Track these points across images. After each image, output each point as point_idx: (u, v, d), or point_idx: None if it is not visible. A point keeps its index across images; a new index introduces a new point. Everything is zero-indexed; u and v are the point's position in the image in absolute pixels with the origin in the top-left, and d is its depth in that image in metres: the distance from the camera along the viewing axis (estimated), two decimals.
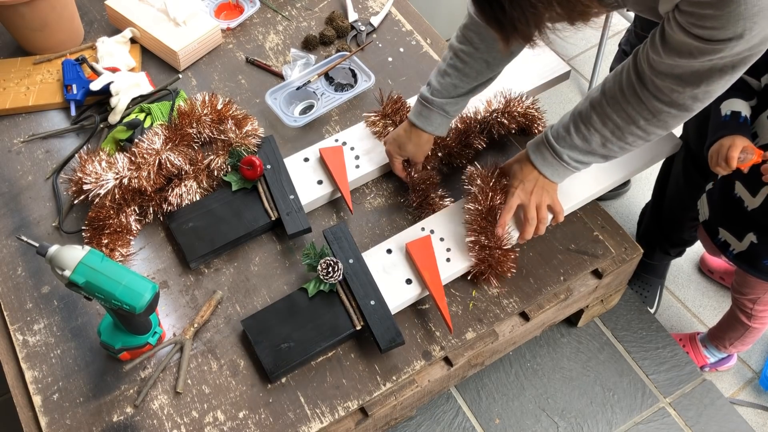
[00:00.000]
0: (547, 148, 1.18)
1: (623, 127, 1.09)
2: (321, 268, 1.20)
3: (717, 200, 1.37)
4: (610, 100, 1.09)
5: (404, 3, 1.73)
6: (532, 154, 1.21)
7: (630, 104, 1.06)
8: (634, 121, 1.07)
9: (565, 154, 1.17)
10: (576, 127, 1.14)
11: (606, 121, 1.10)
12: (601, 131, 1.11)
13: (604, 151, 1.14)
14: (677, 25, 0.92)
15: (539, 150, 1.20)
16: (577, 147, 1.15)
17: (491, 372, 1.45)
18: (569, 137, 1.15)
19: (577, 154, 1.16)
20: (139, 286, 1.03)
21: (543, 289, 1.27)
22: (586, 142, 1.13)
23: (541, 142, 1.20)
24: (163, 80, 1.55)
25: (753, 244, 1.30)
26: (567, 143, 1.16)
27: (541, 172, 1.21)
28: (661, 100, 1.03)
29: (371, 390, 1.17)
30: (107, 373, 1.18)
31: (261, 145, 1.39)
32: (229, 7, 1.70)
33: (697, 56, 0.92)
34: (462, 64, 1.21)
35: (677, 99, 1.01)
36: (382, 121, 1.42)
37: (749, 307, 1.54)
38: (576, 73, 2.48)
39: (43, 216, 1.36)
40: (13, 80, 1.54)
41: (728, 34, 0.86)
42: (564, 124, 1.16)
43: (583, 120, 1.13)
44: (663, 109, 1.03)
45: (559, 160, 1.18)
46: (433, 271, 1.22)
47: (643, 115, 1.06)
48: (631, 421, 1.40)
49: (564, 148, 1.16)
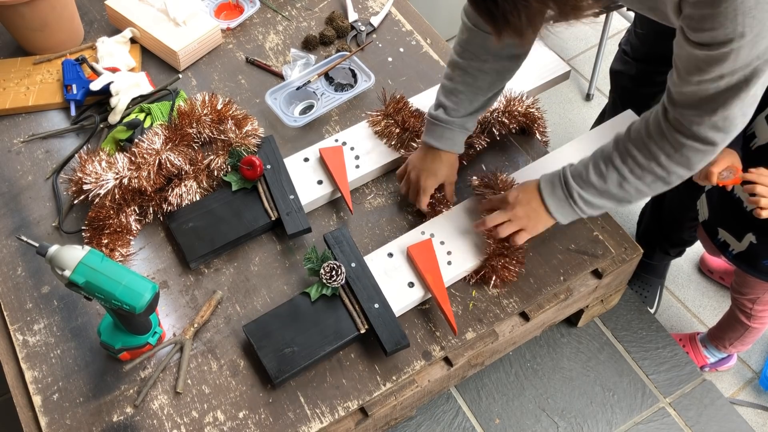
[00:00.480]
0: (560, 182, 1.14)
1: (644, 164, 1.05)
2: (324, 272, 1.20)
3: (716, 200, 1.37)
4: (633, 137, 1.06)
5: (404, 3, 1.73)
6: (543, 184, 1.17)
7: (652, 139, 1.03)
8: (655, 158, 1.04)
9: (576, 192, 1.12)
10: (595, 164, 1.10)
11: (626, 158, 1.06)
12: (620, 169, 1.07)
13: (619, 192, 1.10)
14: (681, 37, 0.91)
15: (551, 182, 1.16)
16: (592, 185, 1.10)
17: (491, 372, 1.45)
18: (585, 173, 1.11)
19: (589, 195, 1.12)
20: (139, 286, 1.03)
21: (543, 289, 1.27)
22: (602, 179, 1.09)
23: (555, 175, 1.16)
24: (163, 80, 1.55)
25: (752, 245, 1.30)
26: (582, 180, 1.12)
27: (545, 204, 1.16)
28: (682, 132, 1.00)
29: (371, 390, 1.17)
30: (107, 373, 1.18)
31: (261, 145, 1.39)
32: (229, 7, 1.70)
33: (705, 69, 0.91)
34: (472, 79, 1.20)
35: (698, 131, 0.98)
36: (384, 120, 1.42)
37: (749, 307, 1.54)
38: (576, 73, 2.48)
39: (43, 216, 1.36)
40: (13, 80, 1.54)
41: (728, 33, 0.85)
42: (584, 161, 1.13)
43: (603, 157, 1.10)
44: (685, 142, 1.00)
45: (568, 196, 1.13)
46: (435, 274, 1.22)
47: (665, 150, 1.02)
48: (631, 421, 1.40)
49: (577, 185, 1.12)
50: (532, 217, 1.18)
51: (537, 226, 1.20)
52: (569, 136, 2.30)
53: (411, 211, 1.37)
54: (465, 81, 1.21)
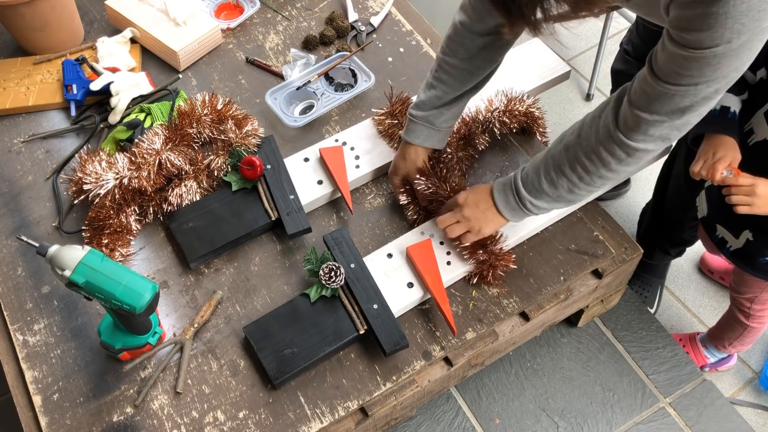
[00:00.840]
0: (512, 192, 1.16)
1: (593, 171, 1.06)
2: (323, 273, 1.20)
3: (715, 197, 1.37)
4: (584, 144, 1.06)
5: (404, 3, 1.73)
6: (497, 193, 1.18)
7: (602, 145, 1.03)
8: (605, 164, 1.04)
9: (527, 200, 1.14)
10: (546, 171, 1.11)
11: (575, 166, 1.07)
12: (570, 177, 1.08)
13: (570, 196, 1.11)
14: (667, 37, 0.91)
15: (504, 191, 1.17)
16: (544, 192, 1.12)
17: (491, 372, 1.45)
18: (537, 182, 1.12)
19: (541, 201, 1.13)
20: (139, 286, 1.03)
21: (543, 289, 1.27)
22: (554, 187, 1.11)
23: (507, 184, 1.17)
24: (163, 80, 1.55)
25: (749, 242, 1.31)
26: (535, 188, 1.13)
27: (498, 208, 1.18)
28: (636, 138, 0.99)
29: (371, 390, 1.17)
30: (107, 373, 1.18)
31: (261, 145, 1.39)
32: (229, 7, 1.70)
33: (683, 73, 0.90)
34: (446, 75, 1.22)
35: (655, 133, 0.98)
36: (388, 120, 1.42)
37: (747, 306, 1.55)
38: (576, 73, 2.48)
39: (43, 216, 1.36)
40: (13, 80, 1.54)
41: (715, 37, 0.84)
42: (535, 166, 1.13)
43: (554, 165, 1.10)
44: (639, 147, 1.00)
45: (521, 205, 1.15)
46: (434, 274, 1.22)
47: (616, 155, 1.02)
48: (631, 421, 1.40)
49: (529, 194, 1.13)
50: (480, 219, 1.20)
51: (483, 229, 1.21)
52: None
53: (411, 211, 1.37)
54: (439, 77, 1.23)
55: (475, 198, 1.20)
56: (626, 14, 2.55)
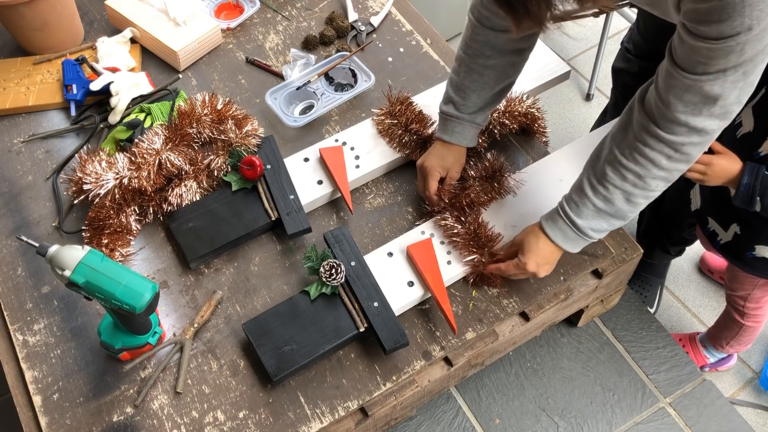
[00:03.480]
0: (568, 225, 1.12)
1: (644, 174, 1.03)
2: (324, 270, 1.20)
3: (708, 190, 1.38)
4: (625, 150, 1.03)
5: (404, 3, 1.73)
6: (550, 231, 1.14)
7: (647, 146, 1.01)
8: (655, 163, 1.02)
9: (588, 227, 1.10)
10: (593, 190, 1.08)
11: (626, 174, 1.04)
12: (623, 186, 1.05)
13: (628, 207, 1.08)
14: (684, 31, 0.90)
15: (558, 227, 1.14)
16: (600, 211, 1.08)
17: (491, 372, 1.45)
18: (589, 203, 1.08)
19: (600, 222, 1.10)
20: (139, 286, 1.03)
21: (543, 289, 1.27)
22: (609, 203, 1.07)
23: (556, 220, 1.14)
24: (163, 80, 1.55)
25: (737, 235, 1.31)
26: (589, 210, 1.09)
27: (562, 249, 1.15)
28: (678, 132, 0.98)
29: (371, 390, 1.17)
30: (107, 373, 1.18)
31: (261, 145, 1.39)
32: (229, 7, 1.70)
33: (708, 63, 0.89)
34: (478, 75, 1.21)
35: (696, 124, 0.97)
36: (388, 120, 1.42)
37: (741, 304, 1.55)
38: (576, 73, 2.48)
39: (43, 216, 1.36)
40: (13, 80, 1.54)
41: (735, 26, 0.83)
42: (576, 192, 1.11)
43: (599, 180, 1.07)
44: (684, 140, 0.99)
45: (582, 235, 1.12)
46: (435, 273, 1.22)
47: (665, 152, 1.01)
48: (631, 421, 1.40)
49: (586, 220, 1.10)
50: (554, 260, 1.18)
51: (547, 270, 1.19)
52: (569, 136, 2.30)
53: (411, 211, 1.37)
54: (471, 77, 1.22)
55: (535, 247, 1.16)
56: (626, 14, 2.55)
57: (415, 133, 1.40)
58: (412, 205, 1.38)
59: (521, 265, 1.17)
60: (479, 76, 1.21)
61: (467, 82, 1.23)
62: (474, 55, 1.20)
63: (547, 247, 1.15)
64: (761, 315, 1.57)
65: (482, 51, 1.19)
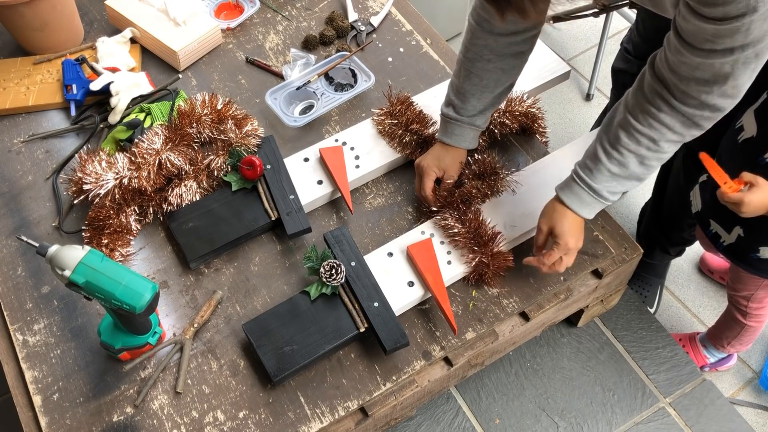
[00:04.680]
0: (584, 189, 1.12)
1: (658, 138, 1.04)
2: (324, 270, 1.20)
3: (709, 192, 1.37)
4: (639, 116, 1.04)
5: (404, 3, 1.73)
6: (567, 198, 1.14)
7: (662, 112, 1.02)
8: (669, 128, 1.03)
9: (604, 190, 1.11)
10: (607, 155, 1.09)
11: (640, 138, 1.05)
12: (637, 151, 1.06)
13: (641, 170, 1.09)
14: (688, 11, 0.90)
15: (574, 193, 1.14)
16: (615, 175, 1.10)
17: (491, 372, 1.45)
18: (603, 168, 1.10)
19: (614, 185, 1.11)
20: (139, 286, 1.03)
21: (543, 289, 1.27)
22: (623, 166, 1.08)
23: (574, 184, 1.14)
24: (163, 80, 1.55)
25: (740, 237, 1.31)
26: (604, 176, 1.10)
27: (579, 215, 1.15)
28: (691, 104, 0.99)
29: (371, 390, 1.17)
30: (107, 373, 1.18)
31: (261, 145, 1.39)
32: (229, 7, 1.70)
33: (715, 41, 0.90)
34: (478, 78, 1.22)
35: (707, 100, 0.98)
36: (388, 120, 1.42)
37: (743, 304, 1.55)
38: (576, 73, 2.48)
39: (43, 216, 1.36)
40: (13, 80, 1.54)
41: (740, 7, 0.84)
42: (591, 158, 1.11)
43: (612, 146, 1.08)
44: (695, 113, 1.00)
45: (598, 197, 1.12)
46: (435, 273, 1.22)
47: (679, 119, 1.02)
48: (631, 421, 1.40)
49: (601, 183, 1.11)
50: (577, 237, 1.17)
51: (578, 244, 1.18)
52: (569, 136, 2.30)
53: (411, 211, 1.37)
54: (470, 81, 1.22)
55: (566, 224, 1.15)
56: (626, 14, 2.55)
57: (415, 133, 1.40)
58: (412, 205, 1.38)
59: (563, 246, 1.15)
60: (479, 80, 1.22)
61: (467, 85, 1.23)
62: (473, 59, 1.20)
63: (571, 217, 1.15)
64: (763, 315, 1.57)
65: (482, 54, 1.19)
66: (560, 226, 1.15)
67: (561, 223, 1.16)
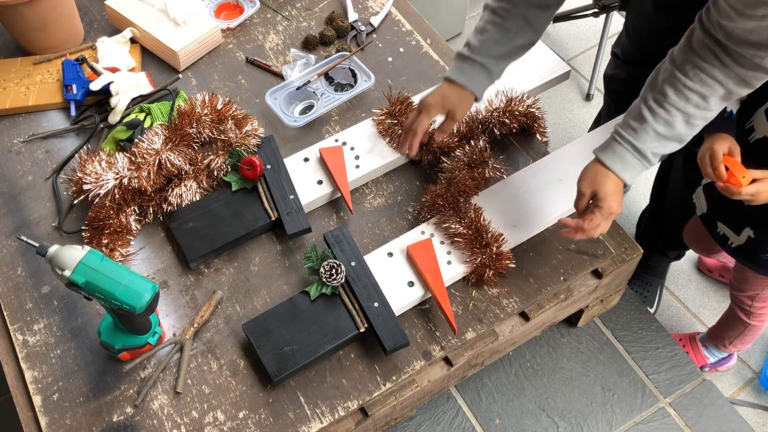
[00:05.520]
0: (628, 150, 1.09)
1: (709, 94, 1.02)
2: (324, 270, 1.20)
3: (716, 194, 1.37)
4: (689, 72, 1.02)
5: (404, 3, 1.73)
6: (608, 160, 1.11)
7: (714, 68, 1.01)
8: (722, 84, 1.02)
9: (648, 150, 1.08)
10: (653, 114, 1.06)
11: (689, 95, 1.03)
12: (685, 109, 1.04)
13: (686, 130, 1.06)
14: None
15: (617, 154, 1.10)
16: (660, 135, 1.07)
17: (491, 372, 1.45)
18: (649, 128, 1.07)
19: (658, 146, 1.08)
20: (139, 286, 1.03)
21: (543, 289, 1.27)
22: (669, 126, 1.06)
23: (617, 145, 1.10)
24: (163, 80, 1.55)
25: (750, 239, 1.31)
26: (649, 135, 1.07)
27: (621, 177, 1.11)
28: (745, 65, 0.99)
29: (371, 390, 1.17)
30: (107, 373, 1.18)
31: (261, 145, 1.39)
32: (229, 7, 1.70)
33: None
34: (501, 19, 1.19)
35: (763, 63, 0.97)
36: (388, 120, 1.42)
37: (748, 304, 1.55)
38: (576, 73, 2.48)
39: (43, 216, 1.36)
40: (13, 80, 1.54)
41: None
42: (635, 118, 1.09)
43: (659, 104, 1.05)
44: (748, 73, 0.99)
45: (642, 159, 1.09)
46: (435, 273, 1.22)
47: (731, 77, 1.01)
48: (631, 421, 1.40)
49: (646, 143, 1.08)
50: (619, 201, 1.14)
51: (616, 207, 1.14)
52: (569, 136, 2.30)
53: (411, 211, 1.37)
54: (493, 20, 1.20)
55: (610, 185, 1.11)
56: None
57: None
58: (412, 205, 1.38)
59: (606, 210, 1.12)
60: (502, 21, 1.19)
61: (488, 25, 1.20)
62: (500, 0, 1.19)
63: (614, 180, 1.12)
64: (767, 314, 1.57)
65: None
66: (603, 189, 1.12)
67: (604, 185, 1.12)
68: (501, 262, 1.26)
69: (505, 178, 1.36)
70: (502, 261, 1.26)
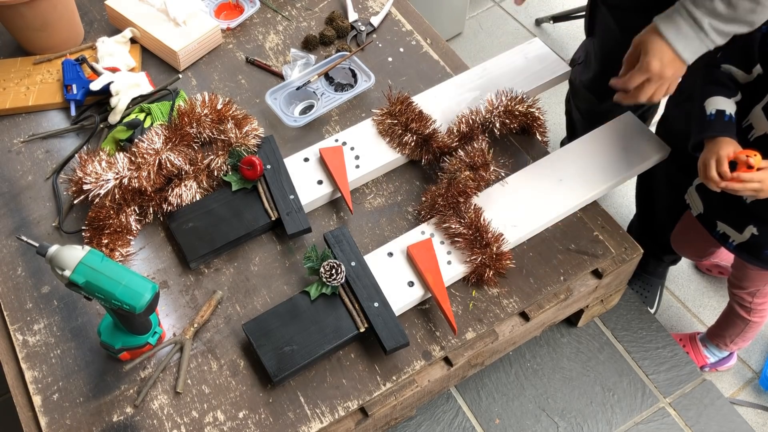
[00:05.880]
0: (685, 17, 1.03)
1: None
2: (324, 270, 1.20)
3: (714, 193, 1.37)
4: None
5: (404, 3, 1.73)
6: (663, 25, 1.05)
7: None
8: None
9: (706, 21, 1.02)
10: None
11: None
12: None
13: (751, 17, 1.00)
14: None
15: (673, 21, 1.04)
16: (719, 15, 1.01)
17: (491, 372, 1.45)
18: (710, 2, 1.01)
19: (719, 23, 1.02)
20: (139, 286, 1.03)
21: (543, 289, 1.28)
22: (733, 8, 1.00)
23: (675, 11, 1.05)
24: (163, 80, 1.55)
25: (754, 236, 1.31)
26: (707, 9, 1.01)
27: (673, 47, 1.06)
28: None
29: (371, 390, 1.17)
30: (107, 373, 1.18)
31: (261, 145, 1.39)
32: (229, 7, 1.70)
33: None
34: None
35: None
36: (388, 120, 1.42)
37: (748, 301, 1.55)
38: None
39: (43, 216, 1.36)
40: (13, 80, 1.54)
41: None
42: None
43: None
44: None
45: (699, 29, 1.03)
46: (435, 273, 1.22)
47: None
48: (631, 421, 1.40)
49: (705, 15, 1.02)
50: (664, 63, 1.09)
51: (665, 72, 1.10)
52: None
53: (411, 211, 1.37)
54: None
55: (658, 44, 1.07)
56: None
57: (415, 132, 1.40)
58: (412, 205, 1.38)
59: (645, 66, 1.08)
60: None
61: None
62: None
63: (663, 46, 1.07)
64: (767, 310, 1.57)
65: None
66: (647, 46, 1.08)
67: (650, 43, 1.08)
68: (501, 262, 1.26)
69: (505, 178, 1.36)
70: (502, 261, 1.26)
